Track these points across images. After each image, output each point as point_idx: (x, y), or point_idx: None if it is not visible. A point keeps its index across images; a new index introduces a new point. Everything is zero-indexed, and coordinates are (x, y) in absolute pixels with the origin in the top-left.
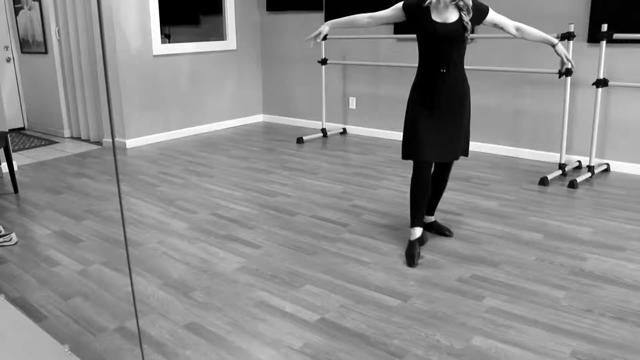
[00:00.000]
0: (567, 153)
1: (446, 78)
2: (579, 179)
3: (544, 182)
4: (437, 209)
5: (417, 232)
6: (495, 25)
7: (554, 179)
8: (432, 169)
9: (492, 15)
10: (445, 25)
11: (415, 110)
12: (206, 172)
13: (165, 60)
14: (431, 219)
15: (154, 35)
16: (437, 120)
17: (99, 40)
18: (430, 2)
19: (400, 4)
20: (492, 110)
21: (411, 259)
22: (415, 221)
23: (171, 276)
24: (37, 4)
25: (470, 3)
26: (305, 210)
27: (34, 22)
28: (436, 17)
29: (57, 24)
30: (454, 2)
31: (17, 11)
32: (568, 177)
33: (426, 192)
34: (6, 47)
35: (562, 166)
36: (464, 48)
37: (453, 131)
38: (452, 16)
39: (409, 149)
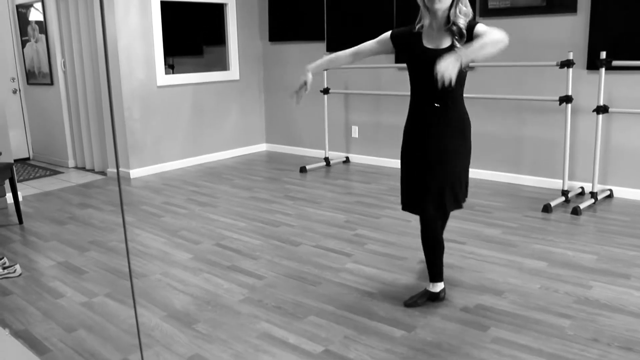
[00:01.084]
0: (569, 179)
1: (441, 113)
2: (582, 206)
3: (547, 209)
4: None
5: (438, 287)
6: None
7: (556, 206)
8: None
9: (481, 29)
10: (437, 51)
11: (409, 157)
12: (210, 202)
13: (169, 90)
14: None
15: (158, 66)
16: (434, 164)
17: (104, 71)
18: (421, 27)
19: (388, 33)
20: (493, 137)
21: (413, 305)
22: (434, 275)
23: (175, 308)
24: (43, 36)
25: (464, 26)
26: (308, 240)
27: (40, 54)
28: (428, 44)
29: (63, 56)
30: (447, 27)
31: (24, 43)
32: (571, 203)
33: (439, 241)
34: (13, 79)
35: (564, 193)
36: (463, 78)
37: (452, 173)
38: (445, 42)
39: (406, 200)
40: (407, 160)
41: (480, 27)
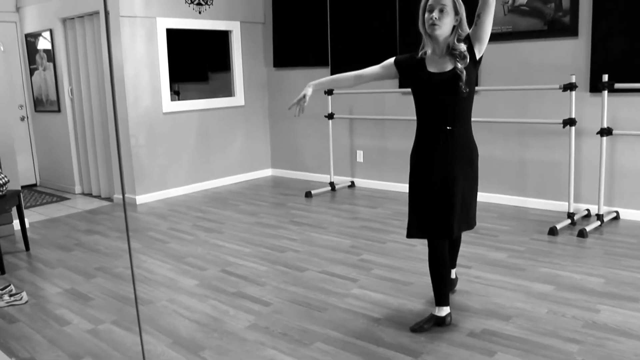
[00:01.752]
0: (575, 202)
1: (448, 137)
2: (588, 228)
3: (553, 231)
4: None
5: (444, 311)
6: (480, 18)
7: (563, 229)
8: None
9: (473, 29)
10: (441, 75)
11: (416, 182)
12: (215, 228)
13: (174, 117)
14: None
15: (163, 93)
16: (440, 189)
17: (111, 98)
18: (425, 53)
19: (392, 59)
20: (498, 160)
21: (419, 330)
22: (440, 299)
23: (181, 335)
24: (51, 64)
25: (464, 49)
26: (314, 265)
27: (47, 82)
28: (432, 68)
29: (70, 84)
30: (448, 51)
31: (32, 72)
32: (577, 226)
33: (446, 266)
34: (20, 106)
35: (570, 215)
36: (469, 102)
37: (460, 199)
38: (448, 65)
39: (414, 225)
40: (415, 185)
41: (471, 28)
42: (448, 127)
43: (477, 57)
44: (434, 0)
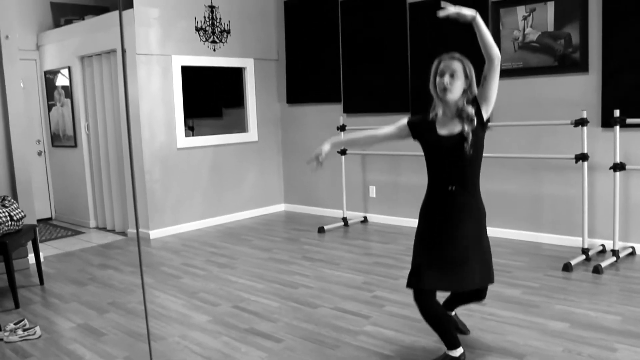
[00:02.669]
0: (589, 237)
1: (456, 197)
2: (603, 264)
3: (567, 267)
4: None
5: (458, 352)
6: (483, 83)
7: (577, 264)
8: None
9: (479, 91)
10: (450, 138)
11: (422, 236)
12: (228, 264)
13: (189, 152)
14: (450, 313)
15: (178, 129)
16: (449, 245)
17: (126, 134)
18: (435, 115)
19: (405, 120)
20: (511, 195)
21: None
22: (450, 343)
23: None
24: (68, 100)
25: (472, 112)
26: (326, 302)
27: (65, 117)
28: (441, 130)
29: (87, 119)
30: (458, 114)
31: (50, 107)
32: (592, 262)
33: (441, 316)
34: (38, 141)
35: (585, 251)
36: (477, 164)
37: (464, 256)
38: (457, 128)
39: (411, 274)
40: (422, 239)
41: (480, 89)
42: (455, 188)
43: (485, 118)
44: (445, 65)
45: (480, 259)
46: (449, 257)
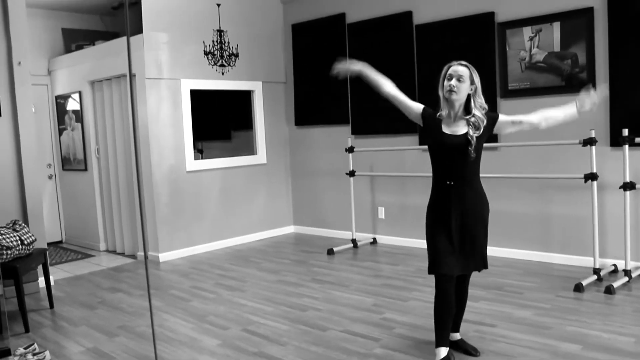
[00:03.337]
0: (600, 257)
1: (457, 191)
2: (615, 284)
3: (579, 288)
4: (470, 320)
5: (443, 352)
6: (514, 123)
7: (589, 285)
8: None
9: (505, 118)
10: (452, 137)
11: (432, 227)
12: (237, 287)
13: (198, 175)
14: (457, 336)
15: (187, 152)
16: (454, 234)
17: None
18: (441, 115)
19: (422, 107)
20: (521, 216)
21: None
22: (441, 340)
23: None
24: (79, 125)
25: (483, 119)
26: (336, 324)
27: (75, 141)
28: (446, 129)
29: (97, 143)
30: (464, 116)
31: (61, 131)
32: (604, 282)
33: (451, 308)
34: (49, 165)
35: (596, 271)
36: (477, 162)
37: (470, 245)
38: (461, 129)
39: (430, 263)
40: (432, 229)
41: (506, 117)
42: (455, 182)
43: (491, 133)
44: (453, 71)
45: (475, 246)
46: (455, 244)
